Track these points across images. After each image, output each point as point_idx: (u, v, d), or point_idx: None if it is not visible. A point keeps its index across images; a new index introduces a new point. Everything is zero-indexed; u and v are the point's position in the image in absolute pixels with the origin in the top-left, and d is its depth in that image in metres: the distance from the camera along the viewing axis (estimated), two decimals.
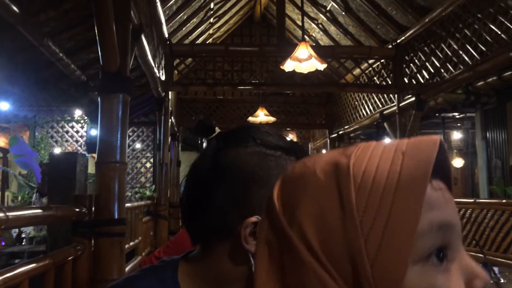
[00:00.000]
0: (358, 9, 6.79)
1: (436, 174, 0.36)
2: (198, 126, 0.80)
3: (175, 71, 6.52)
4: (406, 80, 6.21)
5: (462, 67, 4.90)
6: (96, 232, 2.38)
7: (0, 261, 4.21)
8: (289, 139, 0.73)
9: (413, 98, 5.84)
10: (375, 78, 6.81)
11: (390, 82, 6.45)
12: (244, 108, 9.38)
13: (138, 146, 9.94)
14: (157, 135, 5.86)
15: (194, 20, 7.29)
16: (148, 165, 9.93)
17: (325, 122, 9.80)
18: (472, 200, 5.32)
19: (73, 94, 6.57)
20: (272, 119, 7.90)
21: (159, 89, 5.43)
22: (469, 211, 5.05)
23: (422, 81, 5.78)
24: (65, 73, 5.51)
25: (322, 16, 7.79)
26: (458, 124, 11.24)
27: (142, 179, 9.92)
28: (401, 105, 6.18)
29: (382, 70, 6.64)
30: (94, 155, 2.64)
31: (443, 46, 5.27)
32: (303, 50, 4.66)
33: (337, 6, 7.07)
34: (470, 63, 4.74)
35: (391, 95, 6.56)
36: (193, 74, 6.86)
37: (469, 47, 4.75)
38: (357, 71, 7.14)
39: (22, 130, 9.77)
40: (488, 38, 4.44)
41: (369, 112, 7.55)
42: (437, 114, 9.78)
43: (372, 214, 0.32)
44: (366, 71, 7.01)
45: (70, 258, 2.14)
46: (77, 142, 9.89)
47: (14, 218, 1.56)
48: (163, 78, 5.85)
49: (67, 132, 9.90)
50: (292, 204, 0.36)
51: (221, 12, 8.31)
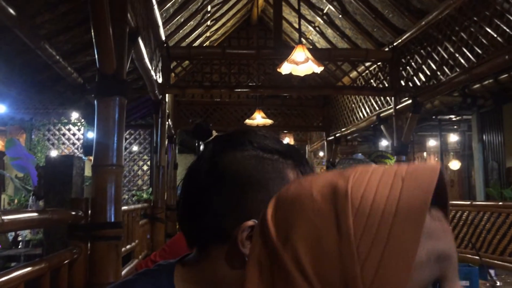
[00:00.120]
0: (355, 12, 6.80)
1: (434, 202, 0.36)
2: (195, 129, 0.79)
3: (172, 74, 6.52)
4: (402, 82, 6.23)
5: (458, 70, 4.92)
6: (92, 235, 2.37)
7: None
8: (286, 143, 0.73)
9: (409, 101, 5.86)
10: (372, 80, 6.83)
11: (386, 85, 6.46)
12: (241, 110, 9.37)
13: (135, 148, 9.93)
14: (154, 138, 5.85)
15: (191, 22, 7.29)
16: (145, 167, 9.92)
17: (322, 125, 9.80)
18: (468, 202, 5.33)
19: (69, 96, 6.57)
20: (269, 122, 7.90)
21: (156, 91, 5.42)
22: (465, 214, 5.06)
23: (418, 83, 5.79)
24: (61, 75, 5.50)
25: (319, 19, 7.80)
26: (455, 126, 11.28)
27: (139, 182, 9.90)
28: (398, 107, 6.20)
29: (379, 73, 6.66)
30: (91, 158, 2.63)
31: (440, 49, 5.29)
32: (300, 53, 4.66)
33: (334, 9, 7.09)
34: (467, 66, 4.75)
35: (388, 98, 6.57)
36: (190, 77, 6.86)
37: (465, 50, 4.77)
38: (354, 74, 7.15)
39: (18, 132, 9.74)
40: (484, 41, 4.45)
41: (366, 114, 7.56)
42: (433, 117, 9.82)
43: (369, 241, 0.32)
44: (363, 74, 7.02)
45: (66, 261, 2.13)
46: (73, 144, 9.87)
47: (10, 221, 1.55)
48: (160, 80, 5.85)
49: (64, 134, 9.88)
50: (286, 225, 0.35)
51: (218, 14, 8.31)
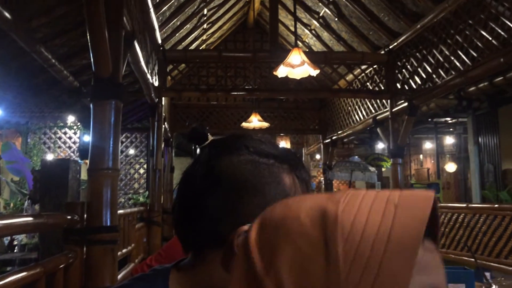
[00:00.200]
0: (350, 15, 6.83)
1: (426, 232, 0.34)
2: (191, 133, 0.79)
3: (169, 77, 6.52)
4: (398, 85, 6.25)
5: (453, 73, 4.94)
6: (88, 239, 2.36)
7: None
8: (282, 147, 0.73)
9: (405, 104, 5.88)
10: (368, 83, 6.84)
11: (382, 88, 6.48)
12: (237, 113, 9.37)
13: (131, 152, 9.90)
14: (150, 141, 5.84)
15: (188, 26, 7.30)
16: (141, 171, 9.89)
17: (318, 128, 9.81)
18: (464, 205, 5.34)
19: (65, 100, 6.55)
20: (265, 125, 7.91)
21: (152, 95, 5.42)
22: (461, 216, 5.07)
23: (414, 86, 5.82)
24: (57, 79, 5.49)
25: (315, 22, 7.83)
26: (451, 129, 11.32)
27: (136, 185, 9.87)
28: (394, 110, 6.22)
29: (375, 76, 6.68)
30: (87, 161, 2.62)
31: (435, 52, 5.31)
32: (296, 56, 4.67)
33: (330, 12, 7.11)
34: (462, 69, 4.78)
35: (384, 101, 6.59)
36: (186, 80, 6.86)
37: (460, 53, 4.79)
38: (350, 77, 7.17)
39: (14, 136, 9.70)
40: (479, 44, 4.48)
41: (362, 117, 7.58)
42: (429, 119, 9.85)
43: (359, 270, 0.30)
44: (359, 77, 7.04)
45: (62, 266, 2.12)
46: (70, 148, 9.83)
47: (4, 226, 1.55)
48: (156, 84, 5.84)
49: (60, 138, 9.84)
50: (271, 248, 0.34)
51: (214, 18, 8.33)
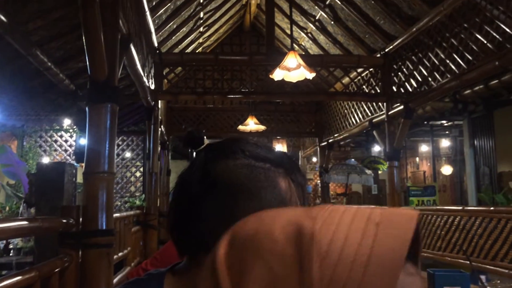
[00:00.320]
0: (346, 18, 6.85)
1: (407, 254, 0.31)
2: (187, 137, 0.79)
3: (165, 80, 6.51)
4: (394, 88, 6.28)
5: (449, 76, 4.96)
6: (83, 243, 2.35)
7: None
8: (278, 151, 0.72)
9: (401, 107, 5.90)
10: (364, 86, 6.86)
11: (378, 91, 6.50)
12: (234, 116, 9.37)
13: (127, 155, 9.88)
14: (146, 144, 5.82)
15: (184, 29, 7.30)
16: (137, 174, 9.87)
17: (315, 130, 9.82)
18: (460, 207, 5.35)
19: (61, 103, 6.53)
20: (262, 128, 7.91)
21: (149, 98, 5.41)
22: (457, 219, 5.08)
23: (410, 89, 5.84)
24: (53, 82, 5.48)
25: (311, 25, 7.85)
26: (446, 132, 11.36)
27: (132, 189, 9.85)
28: (390, 113, 6.24)
29: (371, 79, 6.70)
30: (83, 165, 2.61)
31: (431, 55, 5.33)
32: (292, 59, 4.68)
33: (326, 16, 7.13)
34: (457, 72, 4.80)
35: (380, 104, 6.61)
36: (182, 83, 6.85)
37: (456, 56, 4.81)
38: (346, 80, 7.19)
39: (10, 139, 9.66)
40: (474, 48, 4.50)
41: (358, 120, 7.60)
42: (425, 122, 9.89)
43: None
44: (355, 80, 7.06)
45: (57, 270, 2.10)
46: (66, 151, 9.80)
47: None
48: (153, 87, 5.84)
49: (56, 141, 9.82)
50: (240, 267, 0.31)
51: (210, 21, 8.33)
